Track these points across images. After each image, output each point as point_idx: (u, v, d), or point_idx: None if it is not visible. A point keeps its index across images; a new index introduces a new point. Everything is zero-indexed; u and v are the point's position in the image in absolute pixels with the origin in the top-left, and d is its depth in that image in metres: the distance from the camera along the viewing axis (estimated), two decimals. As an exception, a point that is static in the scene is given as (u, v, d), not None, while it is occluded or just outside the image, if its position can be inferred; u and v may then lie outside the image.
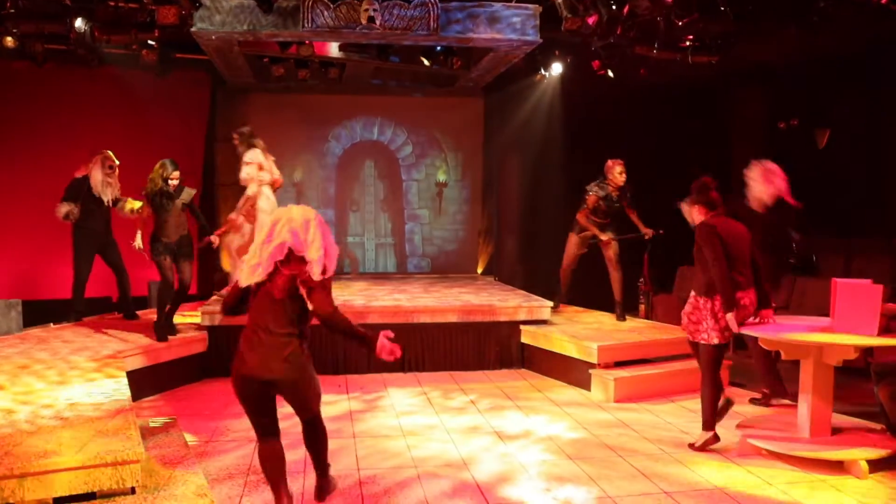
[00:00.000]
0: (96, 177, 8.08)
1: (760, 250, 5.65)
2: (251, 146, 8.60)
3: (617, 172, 8.40)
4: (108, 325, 8.00)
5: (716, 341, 5.33)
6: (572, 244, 8.84)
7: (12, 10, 8.30)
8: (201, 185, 11.40)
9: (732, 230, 5.39)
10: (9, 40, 8.83)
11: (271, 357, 3.98)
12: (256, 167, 8.49)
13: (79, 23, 8.42)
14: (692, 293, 5.50)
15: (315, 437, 4.42)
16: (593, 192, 8.44)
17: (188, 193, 7.44)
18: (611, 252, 8.56)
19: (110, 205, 8.27)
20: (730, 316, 5.20)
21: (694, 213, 5.53)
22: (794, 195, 6.55)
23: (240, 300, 4.15)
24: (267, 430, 4.24)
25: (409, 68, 11.03)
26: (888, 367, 5.36)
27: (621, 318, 8.62)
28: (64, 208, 7.90)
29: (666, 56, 9.43)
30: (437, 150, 12.46)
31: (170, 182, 7.32)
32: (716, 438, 5.45)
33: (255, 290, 4.05)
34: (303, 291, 4.01)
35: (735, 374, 7.39)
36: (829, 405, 5.37)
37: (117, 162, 8.25)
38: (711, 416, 5.46)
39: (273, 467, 4.18)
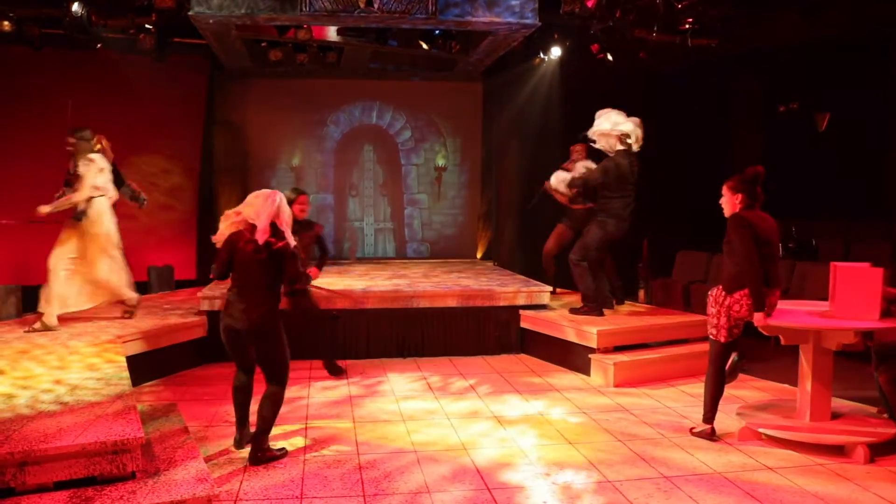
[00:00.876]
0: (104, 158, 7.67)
1: None
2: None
3: (577, 153, 8.73)
4: (106, 309, 7.98)
5: (723, 339, 5.30)
6: (557, 230, 8.96)
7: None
8: (199, 169, 11.38)
9: (767, 225, 5.23)
10: (6, 24, 8.79)
11: (247, 311, 4.82)
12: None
13: (76, 7, 8.37)
14: (719, 284, 5.37)
15: (269, 401, 4.94)
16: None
17: None
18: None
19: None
20: (758, 315, 5.11)
21: (733, 201, 5.28)
22: (794, 179, 6.52)
23: (227, 266, 4.94)
24: (242, 366, 5.12)
25: (408, 52, 10.99)
26: (888, 350, 5.33)
27: (620, 302, 8.58)
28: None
29: (665, 39, 9.40)
30: (435, 134, 12.44)
31: None
32: (713, 433, 5.42)
33: (237, 256, 4.88)
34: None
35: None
36: (829, 390, 5.37)
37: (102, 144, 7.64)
38: (711, 409, 5.44)
39: (238, 397, 5.12)
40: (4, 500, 3.69)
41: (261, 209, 4.89)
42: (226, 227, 4.98)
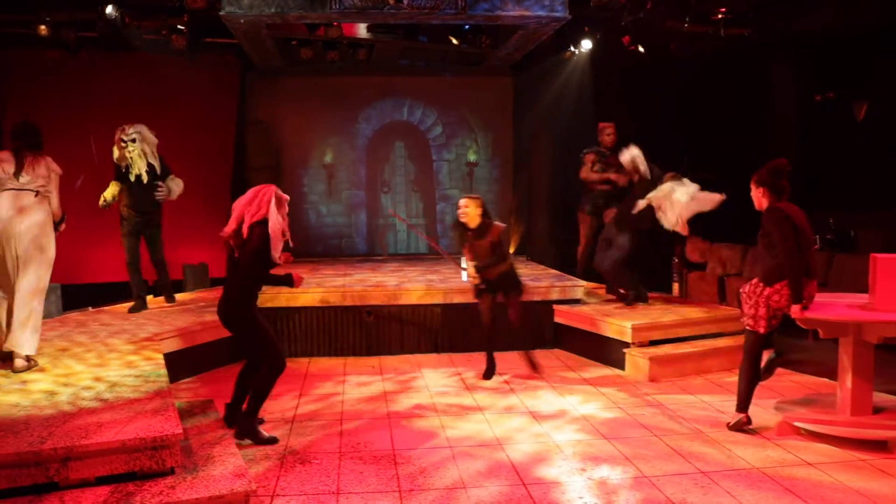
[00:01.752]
0: (114, 152, 7.68)
1: None
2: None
3: (606, 134, 8.70)
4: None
5: (761, 330, 5.24)
6: (584, 224, 8.89)
7: (45, -1, 8.41)
8: (232, 168, 11.48)
9: (801, 216, 5.19)
10: (42, 29, 8.94)
11: (221, 303, 5.18)
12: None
13: (110, 9, 8.49)
14: (756, 277, 5.31)
15: (253, 386, 5.21)
16: (589, 151, 8.79)
17: None
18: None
19: (144, 180, 7.69)
20: (796, 307, 5.04)
21: (757, 194, 5.28)
22: (831, 169, 6.42)
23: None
24: (243, 352, 5.74)
25: (438, 48, 10.98)
26: None
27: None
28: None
29: (697, 29, 9.30)
30: (466, 129, 12.42)
31: None
32: (749, 420, 5.39)
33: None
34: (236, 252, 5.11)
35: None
36: (870, 384, 5.28)
37: (131, 132, 7.59)
38: (746, 399, 5.40)
39: (239, 377, 5.42)
40: (48, 494, 3.76)
41: (235, 205, 5.21)
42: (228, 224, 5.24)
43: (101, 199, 7.61)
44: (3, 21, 8.68)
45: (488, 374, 7.04)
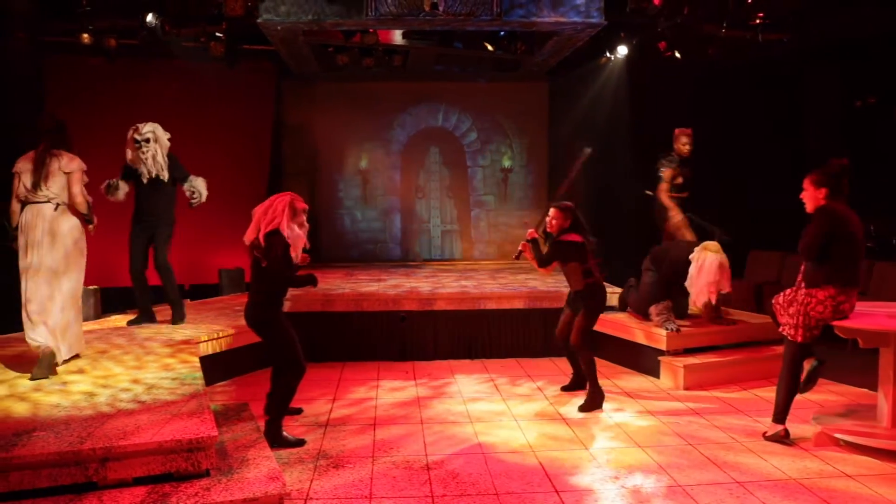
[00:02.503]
0: (127, 154, 7.33)
1: None
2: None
3: (681, 143, 8.17)
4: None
5: (800, 339, 5.16)
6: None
7: (88, 8, 8.56)
8: (268, 173, 11.59)
9: (855, 222, 5.07)
10: (85, 37, 9.13)
11: (246, 307, 5.37)
12: None
13: (150, 17, 8.64)
14: (799, 280, 5.22)
15: (275, 387, 5.39)
16: (667, 166, 8.18)
17: None
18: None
19: (164, 178, 7.32)
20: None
21: (816, 196, 5.11)
22: (872, 176, 6.29)
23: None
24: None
25: (473, 54, 11.00)
26: None
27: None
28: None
29: (735, 35, 9.21)
30: (501, 135, 12.42)
31: None
32: (787, 433, 5.30)
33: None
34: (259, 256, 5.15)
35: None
36: (911, 394, 5.18)
37: (145, 131, 7.25)
38: (784, 410, 5.31)
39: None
40: (87, 493, 3.82)
41: (253, 212, 5.26)
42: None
43: (106, 183, 7.26)
44: (48, 29, 8.87)
45: (588, 405, 6.27)
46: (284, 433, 5.25)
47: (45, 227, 5.49)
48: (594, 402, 6.20)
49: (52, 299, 5.49)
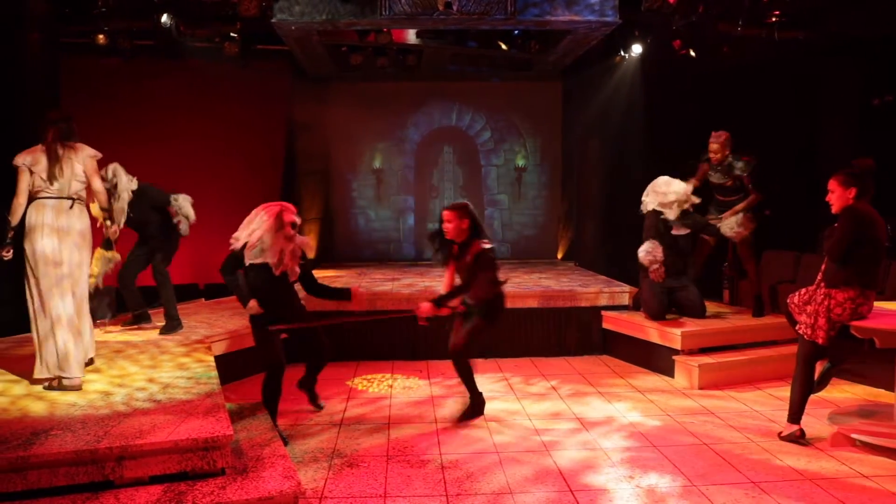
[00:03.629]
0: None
1: None
2: None
3: (713, 149, 7.83)
4: (195, 311, 8.24)
5: (820, 342, 5.11)
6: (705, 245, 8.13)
7: (104, 9, 8.62)
8: (282, 173, 11.63)
9: (880, 223, 5.06)
10: (100, 38, 9.20)
11: None
12: None
13: (165, 18, 8.69)
14: (819, 279, 5.18)
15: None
16: (703, 161, 7.93)
17: None
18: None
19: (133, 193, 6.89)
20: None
21: (846, 196, 5.08)
22: (889, 175, 6.20)
23: None
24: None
25: (487, 53, 10.99)
26: None
27: (758, 313, 7.93)
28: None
29: (751, 33, 9.16)
30: (515, 134, 12.42)
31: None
32: (802, 433, 5.27)
33: None
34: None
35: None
36: (929, 395, 5.15)
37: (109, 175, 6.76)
38: (799, 410, 5.29)
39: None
40: (104, 492, 3.84)
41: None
42: None
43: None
44: (64, 31, 8.92)
45: (468, 413, 5.97)
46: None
47: (69, 227, 5.16)
48: (476, 410, 5.96)
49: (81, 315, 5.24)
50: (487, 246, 5.73)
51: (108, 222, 6.03)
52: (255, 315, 5.44)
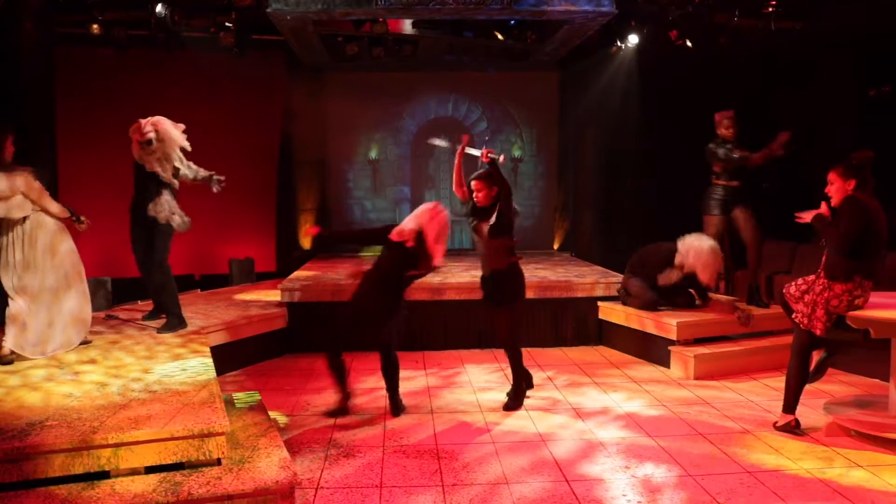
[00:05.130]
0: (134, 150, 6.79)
1: None
2: None
3: (724, 127, 7.82)
4: (190, 301, 8.23)
5: (817, 332, 5.11)
6: (711, 226, 7.94)
7: (98, -1, 8.59)
8: (278, 163, 11.61)
9: (881, 215, 5.05)
10: (95, 28, 9.14)
11: None
12: None
13: (160, 8, 8.63)
14: (820, 270, 5.17)
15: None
16: (717, 148, 7.81)
17: None
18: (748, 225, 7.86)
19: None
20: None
21: (845, 187, 5.07)
22: (886, 166, 6.20)
23: None
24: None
25: (483, 43, 10.95)
26: None
27: (760, 303, 7.92)
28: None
29: (747, 23, 9.15)
30: (511, 125, 12.39)
31: None
32: (797, 423, 5.28)
33: None
34: None
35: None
36: (923, 385, 5.16)
37: (147, 132, 6.68)
38: (794, 400, 5.30)
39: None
40: (100, 482, 3.84)
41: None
42: None
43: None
44: (58, 21, 8.88)
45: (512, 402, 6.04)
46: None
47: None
48: (520, 399, 6.02)
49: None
50: (515, 207, 5.90)
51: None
52: None
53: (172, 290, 6.84)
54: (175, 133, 6.85)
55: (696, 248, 7.34)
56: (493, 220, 5.77)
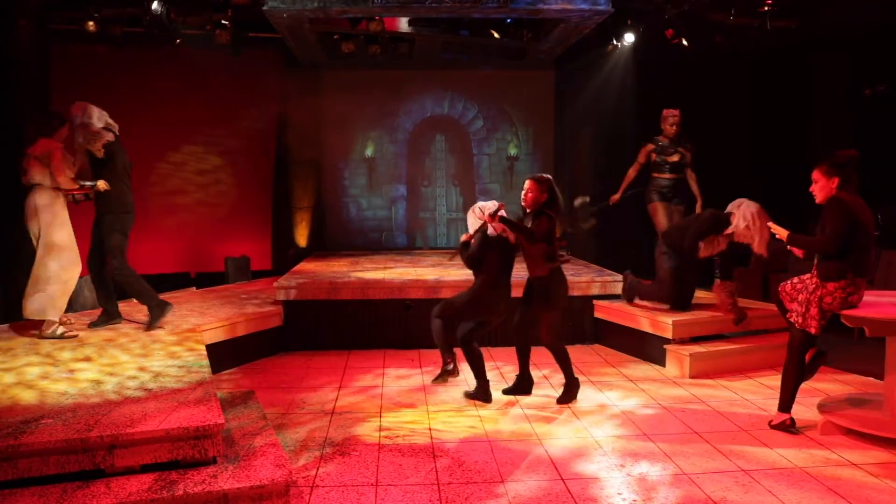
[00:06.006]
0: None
1: None
2: None
3: (668, 123, 8.29)
4: (186, 299, 8.23)
5: (812, 331, 5.11)
6: (661, 214, 8.47)
7: (94, -5, 8.57)
8: (274, 161, 11.61)
9: (866, 212, 5.05)
10: (90, 24, 9.12)
11: None
12: None
13: (155, 5, 8.62)
14: (814, 270, 5.17)
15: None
16: (645, 144, 8.43)
17: None
18: (674, 222, 8.26)
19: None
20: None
21: (829, 186, 5.06)
22: (880, 164, 6.23)
23: None
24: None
25: (479, 42, 10.96)
26: None
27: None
28: None
29: (743, 22, 9.16)
30: (507, 123, 12.40)
31: None
32: (792, 422, 5.29)
33: None
34: None
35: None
36: (918, 384, 5.17)
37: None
38: (789, 399, 5.31)
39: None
40: (95, 480, 3.83)
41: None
42: None
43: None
44: (53, 17, 8.86)
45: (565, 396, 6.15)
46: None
47: None
48: (572, 393, 6.11)
49: None
50: (550, 214, 5.86)
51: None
52: None
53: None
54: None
55: (750, 211, 6.91)
56: (529, 224, 5.88)
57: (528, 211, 6.01)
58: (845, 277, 5.00)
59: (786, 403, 5.32)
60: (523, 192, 5.98)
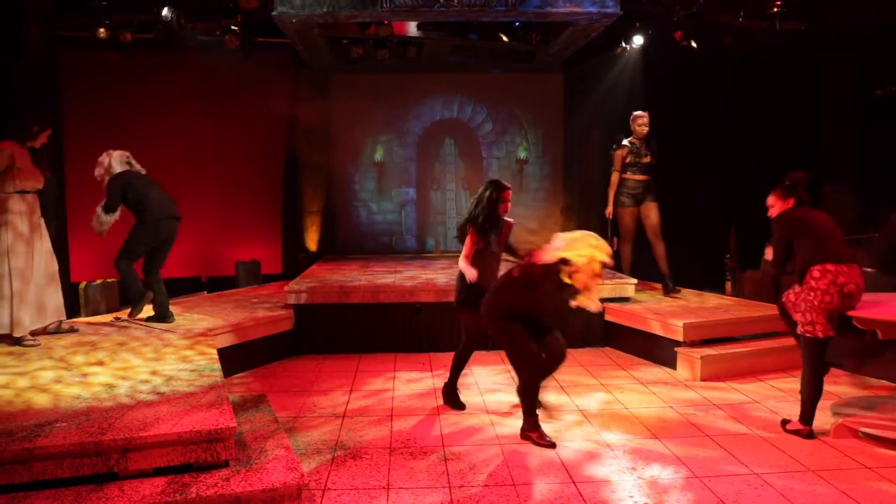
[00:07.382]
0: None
1: None
2: None
3: (637, 124, 8.54)
4: (197, 303, 8.26)
5: (819, 335, 5.07)
6: (629, 218, 8.72)
7: (104, 2, 8.61)
8: (284, 166, 11.65)
9: (815, 215, 5.20)
10: (101, 31, 9.18)
11: None
12: None
13: (165, 11, 8.68)
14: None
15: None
16: (617, 147, 8.60)
17: None
18: (653, 220, 8.48)
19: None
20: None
21: (785, 207, 5.26)
22: (889, 166, 6.23)
23: None
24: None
25: (488, 45, 10.98)
26: None
27: (673, 291, 8.53)
28: None
29: (752, 24, 9.15)
30: (517, 126, 12.41)
31: None
32: (811, 434, 5.20)
33: None
34: None
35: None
36: (931, 386, 5.15)
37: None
38: (810, 412, 5.21)
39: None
40: (109, 483, 3.86)
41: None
42: None
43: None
44: (64, 24, 8.92)
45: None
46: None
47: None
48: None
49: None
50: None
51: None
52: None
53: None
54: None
55: None
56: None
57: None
58: (815, 269, 5.03)
59: (807, 416, 5.21)
60: (502, 203, 6.43)
